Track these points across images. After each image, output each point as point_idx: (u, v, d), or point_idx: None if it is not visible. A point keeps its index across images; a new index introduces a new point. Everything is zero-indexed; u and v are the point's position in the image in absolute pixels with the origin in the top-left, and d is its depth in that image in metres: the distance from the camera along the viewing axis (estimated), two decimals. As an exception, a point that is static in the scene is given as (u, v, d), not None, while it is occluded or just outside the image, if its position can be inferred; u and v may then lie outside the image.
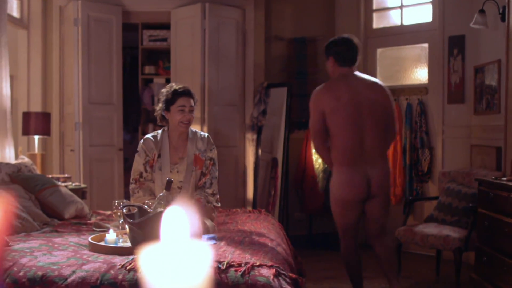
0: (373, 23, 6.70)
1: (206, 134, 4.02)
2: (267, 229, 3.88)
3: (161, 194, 3.22)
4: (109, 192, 6.12)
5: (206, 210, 3.83)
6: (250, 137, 6.30)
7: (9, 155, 5.08)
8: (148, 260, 0.53)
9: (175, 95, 3.83)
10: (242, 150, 6.36)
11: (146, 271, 0.53)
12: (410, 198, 5.66)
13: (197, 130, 4.03)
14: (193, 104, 3.85)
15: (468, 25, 5.36)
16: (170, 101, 3.84)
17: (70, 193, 4.31)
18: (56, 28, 6.38)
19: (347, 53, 4.12)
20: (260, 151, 6.25)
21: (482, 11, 5.14)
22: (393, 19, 6.62)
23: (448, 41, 5.95)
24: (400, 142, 6.27)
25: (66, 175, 5.26)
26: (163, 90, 3.92)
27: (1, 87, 5.07)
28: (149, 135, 3.97)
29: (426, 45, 6.28)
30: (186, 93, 3.83)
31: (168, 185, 3.21)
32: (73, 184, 5.16)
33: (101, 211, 4.65)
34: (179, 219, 0.52)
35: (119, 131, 6.25)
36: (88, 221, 4.10)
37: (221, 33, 6.16)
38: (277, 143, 6.31)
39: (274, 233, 3.85)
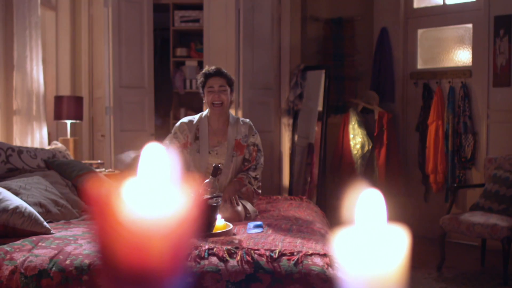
0: (414, 2, 6.60)
1: (248, 120, 4.01)
2: (311, 216, 3.86)
3: (207, 180, 3.21)
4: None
5: (247, 192, 3.83)
6: (286, 121, 6.27)
7: (41, 141, 5.11)
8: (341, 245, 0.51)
9: (205, 77, 3.85)
10: (278, 135, 6.33)
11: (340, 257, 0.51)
12: (455, 185, 5.59)
13: (239, 117, 4.03)
14: (224, 84, 3.82)
15: (518, 4, 5.26)
16: (202, 84, 3.88)
17: (107, 179, 4.32)
18: (85, 10, 6.38)
19: None
20: (296, 136, 6.21)
21: (533, -11, 5.04)
22: (435, -2, 6.53)
23: (494, 21, 5.84)
24: (442, 127, 6.19)
25: (99, 161, 5.28)
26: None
27: (33, 70, 5.09)
28: (184, 119, 3.98)
29: (470, 25, 6.17)
30: (214, 73, 3.82)
31: (215, 171, 3.20)
32: (106, 171, 5.18)
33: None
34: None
35: (151, 115, 6.26)
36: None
37: (256, 14, 6.11)
38: (313, 128, 6.27)
39: (319, 220, 3.84)
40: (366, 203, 0.52)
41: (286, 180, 6.30)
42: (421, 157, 6.43)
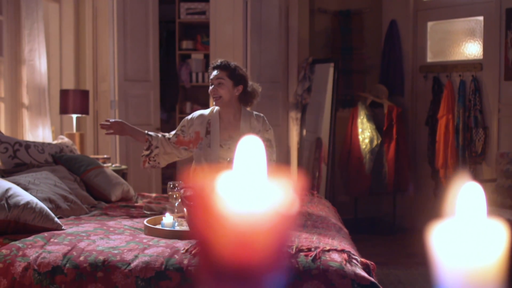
0: (423, -6, 6.59)
1: (262, 115, 3.96)
2: (324, 212, 3.86)
3: (222, 175, 3.20)
4: (146, 173, 6.13)
5: None
6: (294, 116, 6.26)
7: (45, 135, 5.10)
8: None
9: (211, 69, 3.79)
10: (285, 129, 6.32)
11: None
12: (466, 180, 5.57)
13: (252, 111, 3.97)
14: (223, 76, 3.69)
15: (531, -4, 5.24)
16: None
17: (115, 174, 4.32)
18: (89, 1, 6.37)
19: None
20: (304, 131, 6.21)
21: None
22: (445, -10, 6.51)
23: (505, 14, 5.83)
24: (453, 121, 6.18)
25: (105, 156, 5.28)
26: None
27: (38, 64, 5.08)
28: (196, 113, 3.95)
29: (481, 18, 6.15)
30: (214, 66, 3.75)
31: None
32: (113, 166, 5.17)
33: (146, 193, 4.66)
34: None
35: (156, 109, 6.25)
36: (136, 204, 4.11)
37: (263, 6, 6.09)
38: (321, 122, 6.27)
39: (332, 216, 3.84)
40: (466, 196, 0.51)
41: (294, 175, 6.29)
42: (430, 152, 6.43)
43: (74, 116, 5.44)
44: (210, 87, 3.74)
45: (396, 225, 6.52)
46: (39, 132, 4.94)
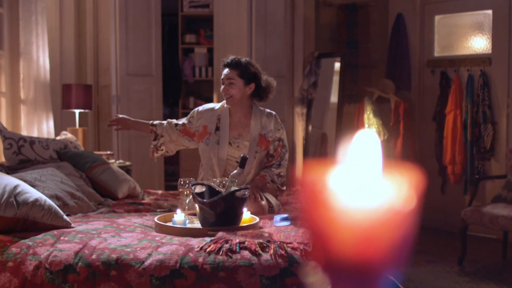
0: (430, -13, 6.58)
1: (273, 113, 3.95)
2: (335, 209, 3.86)
3: (235, 171, 3.21)
4: (148, 170, 6.13)
5: (270, 188, 3.82)
6: (300, 111, 6.26)
7: (48, 131, 5.09)
8: None
9: (222, 67, 3.80)
10: (291, 125, 6.32)
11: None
12: (476, 176, 5.59)
13: (263, 109, 3.96)
14: (234, 76, 3.70)
15: (542, -11, 5.25)
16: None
17: (121, 171, 4.32)
18: (90, -6, 6.35)
19: None
20: (310, 126, 6.21)
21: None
22: (453, -17, 6.51)
23: (515, 7, 5.83)
24: (461, 117, 6.19)
25: (108, 152, 5.27)
26: None
27: (39, 58, 5.07)
28: (207, 105, 3.95)
29: (489, 11, 6.15)
30: (226, 64, 3.75)
31: (243, 162, 3.19)
32: (117, 162, 5.16)
33: (152, 190, 4.66)
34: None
35: (159, 105, 6.24)
36: (143, 201, 4.11)
37: (268, -1, 6.09)
38: (326, 117, 6.27)
39: (344, 214, 3.84)
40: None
41: (299, 172, 6.30)
42: (438, 148, 6.43)
43: (77, 111, 5.43)
44: (222, 86, 3.76)
45: (403, 222, 6.53)
46: (43, 127, 4.93)
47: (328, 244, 0.46)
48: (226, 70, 3.73)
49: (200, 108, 3.90)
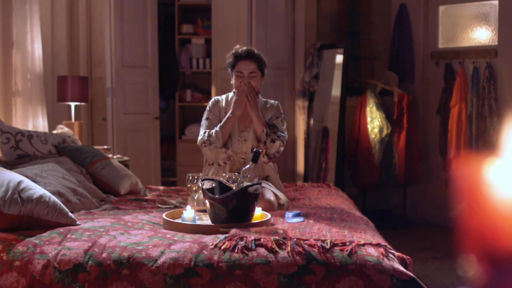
0: (435, -23, 6.60)
1: (276, 103, 3.97)
2: (345, 205, 3.88)
3: (247, 166, 3.20)
4: (145, 165, 6.11)
5: (256, 122, 3.75)
6: (301, 104, 6.26)
7: (44, 125, 5.06)
8: None
9: (235, 58, 3.78)
10: (292, 118, 6.32)
11: None
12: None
13: (268, 100, 3.98)
14: (255, 69, 3.75)
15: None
16: (231, 66, 3.81)
17: (122, 166, 4.29)
18: (83, -18, 6.31)
19: None
20: (312, 120, 6.21)
21: None
22: (457, -28, 6.53)
23: (522, -3, 5.86)
24: (466, 110, 6.22)
25: (105, 147, 5.24)
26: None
27: (33, 48, 5.03)
28: (215, 98, 3.96)
29: (496, 1, 6.18)
30: (246, 55, 3.75)
31: (255, 157, 3.19)
32: (115, 157, 5.14)
33: (153, 186, 4.65)
34: None
35: (155, 97, 6.22)
36: (146, 197, 4.09)
37: (269, -13, 6.07)
38: (328, 110, 6.27)
39: (354, 209, 3.86)
40: None
41: (301, 166, 6.30)
42: (442, 142, 6.46)
43: (73, 104, 5.39)
44: (238, 79, 3.72)
45: (407, 218, 6.56)
46: (39, 121, 4.90)
47: (490, 237, 0.46)
48: (245, 63, 3.72)
49: (208, 107, 3.90)
